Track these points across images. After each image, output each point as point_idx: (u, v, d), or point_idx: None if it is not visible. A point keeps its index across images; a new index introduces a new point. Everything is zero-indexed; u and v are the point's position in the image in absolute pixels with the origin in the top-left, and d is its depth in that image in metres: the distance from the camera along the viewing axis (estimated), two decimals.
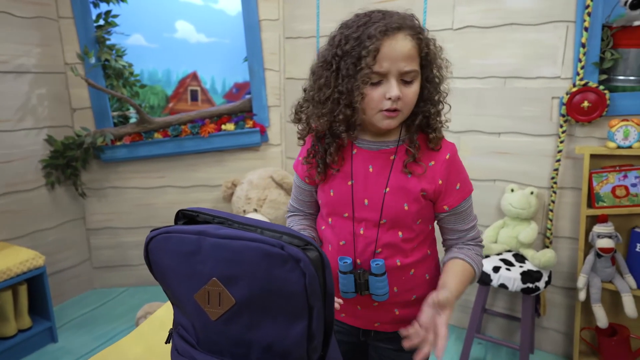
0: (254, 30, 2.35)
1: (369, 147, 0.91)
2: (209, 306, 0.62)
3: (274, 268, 0.59)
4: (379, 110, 0.84)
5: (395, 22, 0.82)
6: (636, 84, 1.65)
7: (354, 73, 0.81)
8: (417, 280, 0.93)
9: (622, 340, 1.71)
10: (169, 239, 0.64)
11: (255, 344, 0.62)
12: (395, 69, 0.81)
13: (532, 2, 1.75)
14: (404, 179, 0.88)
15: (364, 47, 0.80)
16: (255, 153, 2.49)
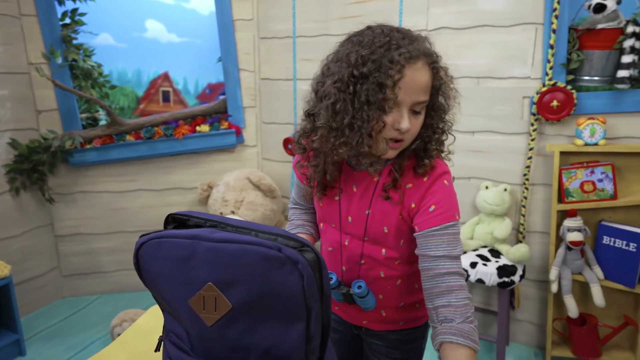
0: (228, 30, 2.32)
1: (355, 168, 0.89)
2: (204, 312, 0.60)
3: (272, 271, 0.58)
4: (384, 138, 0.79)
5: (416, 49, 0.77)
6: (600, 84, 1.73)
7: (374, 100, 0.75)
8: (405, 289, 0.93)
9: (591, 329, 1.79)
10: (161, 244, 0.62)
11: (253, 349, 0.61)
12: (409, 100, 0.77)
13: (503, 4, 1.80)
14: (384, 203, 0.86)
15: (388, 76, 0.74)
16: (230, 154, 2.46)
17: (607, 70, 1.71)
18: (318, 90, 0.81)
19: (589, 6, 1.66)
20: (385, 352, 1.00)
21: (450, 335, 0.74)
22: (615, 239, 1.71)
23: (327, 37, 2.18)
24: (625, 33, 1.60)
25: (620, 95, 1.67)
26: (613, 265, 1.73)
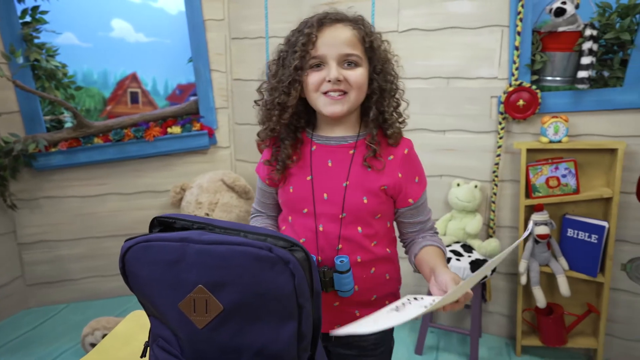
0: (199, 30, 2.29)
1: (327, 143, 0.93)
2: (194, 314, 0.60)
3: (263, 271, 0.58)
4: (322, 93, 0.87)
5: (335, 15, 0.88)
6: (561, 84, 1.81)
7: (293, 61, 0.85)
8: (377, 280, 0.95)
9: (558, 318, 1.87)
10: (148, 248, 0.61)
11: (245, 350, 0.61)
12: (333, 53, 0.85)
13: (471, 7, 1.86)
14: (364, 173, 0.90)
15: (302, 34, 0.86)
16: (203, 156, 2.43)
17: (567, 71, 1.79)
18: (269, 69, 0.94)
19: (550, 10, 1.74)
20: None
21: (429, 241, 0.94)
22: (578, 231, 1.79)
23: None
24: (584, 36, 1.69)
25: (581, 95, 1.76)
26: (577, 256, 1.82)
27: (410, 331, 2.17)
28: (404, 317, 0.69)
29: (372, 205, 0.91)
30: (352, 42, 0.86)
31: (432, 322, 2.04)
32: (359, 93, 0.88)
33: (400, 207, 0.95)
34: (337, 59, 0.85)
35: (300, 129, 0.95)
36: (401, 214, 0.97)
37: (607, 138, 1.75)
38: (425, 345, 2.03)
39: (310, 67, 0.87)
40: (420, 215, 0.97)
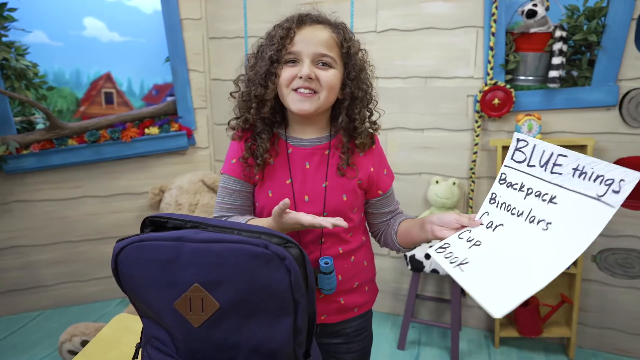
0: (176, 30, 2.26)
1: (303, 145, 0.93)
2: (190, 313, 0.60)
3: (259, 268, 0.59)
4: (292, 90, 0.87)
5: (316, 16, 0.90)
6: (533, 83, 1.88)
7: (270, 54, 0.86)
8: (357, 267, 0.98)
9: (534, 309, 1.94)
10: (142, 248, 0.61)
11: (242, 347, 0.61)
12: (309, 51, 0.85)
13: (447, 8, 1.90)
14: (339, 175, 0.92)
15: (281, 28, 0.87)
16: (182, 157, 2.40)
17: (539, 71, 1.86)
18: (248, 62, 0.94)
19: (522, 12, 1.80)
20: (344, 350, 1.00)
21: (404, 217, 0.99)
22: None
23: None
24: (554, 37, 1.76)
25: (552, 94, 1.82)
26: None
27: (393, 326, 2.20)
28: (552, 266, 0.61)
29: (350, 201, 0.93)
30: (328, 44, 0.86)
31: (413, 317, 2.08)
32: (329, 94, 0.88)
33: (371, 199, 0.98)
34: (311, 58, 0.85)
35: (276, 124, 0.94)
36: (371, 205, 0.99)
37: (577, 135, 1.83)
38: (407, 340, 2.07)
39: (285, 62, 0.87)
40: (390, 205, 1.01)
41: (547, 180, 0.70)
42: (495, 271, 0.65)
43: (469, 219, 0.78)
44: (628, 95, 1.75)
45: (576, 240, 0.63)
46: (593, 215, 0.63)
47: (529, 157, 0.73)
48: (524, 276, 0.62)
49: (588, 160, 0.66)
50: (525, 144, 0.74)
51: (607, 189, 0.62)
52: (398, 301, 2.26)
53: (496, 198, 0.76)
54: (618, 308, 1.95)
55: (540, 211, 0.69)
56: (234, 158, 0.94)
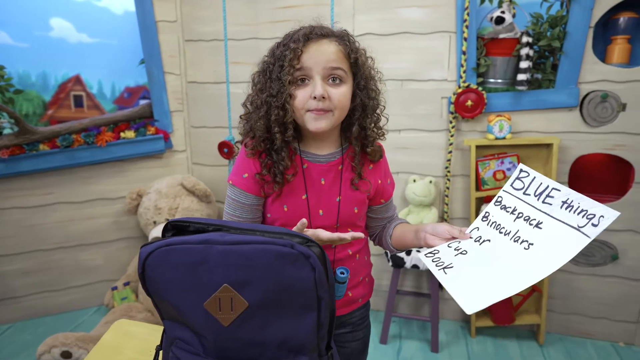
0: (151, 32, 2.23)
1: (318, 161, 0.94)
2: (220, 313, 0.63)
3: (286, 267, 0.62)
4: (307, 111, 0.87)
5: (320, 30, 0.89)
6: (502, 85, 1.99)
7: (282, 75, 0.85)
8: (361, 263, 1.04)
9: (507, 299, 2.05)
10: (170, 252, 0.63)
11: (269, 343, 0.64)
12: (319, 68, 0.85)
13: (421, 14, 1.98)
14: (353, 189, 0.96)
15: (288, 48, 0.86)
16: (159, 161, 2.37)
17: (507, 74, 1.97)
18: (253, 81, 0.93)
19: (491, 18, 1.91)
20: (350, 338, 1.06)
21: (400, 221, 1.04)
22: None
23: (257, 40, 2.20)
24: (521, 42, 1.87)
25: (520, 96, 1.94)
26: None
27: (374, 322, 2.26)
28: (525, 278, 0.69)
29: (361, 213, 0.99)
30: (337, 57, 0.87)
31: (393, 312, 2.15)
32: (341, 112, 0.90)
33: (373, 205, 1.03)
34: (322, 74, 0.86)
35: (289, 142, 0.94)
36: (372, 211, 1.04)
37: (543, 134, 1.95)
38: (389, 334, 2.14)
39: (296, 82, 0.87)
40: (389, 212, 1.07)
41: (537, 208, 0.78)
42: (474, 276, 0.73)
43: (459, 231, 0.83)
44: (587, 97, 1.89)
45: (551, 260, 0.70)
46: (570, 241, 0.70)
47: (526, 186, 0.81)
48: (498, 282, 0.70)
49: (577, 196, 0.74)
50: (526, 174, 0.82)
51: (587, 222, 0.70)
52: (378, 297, 2.33)
53: (488, 217, 0.83)
54: (581, 294, 2.10)
55: (526, 233, 0.76)
56: (246, 172, 0.92)
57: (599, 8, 1.81)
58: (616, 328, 2.10)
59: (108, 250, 2.36)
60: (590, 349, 2.07)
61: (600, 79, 1.87)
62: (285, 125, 0.89)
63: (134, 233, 2.38)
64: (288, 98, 0.86)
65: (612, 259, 2.02)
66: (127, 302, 2.20)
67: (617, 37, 1.88)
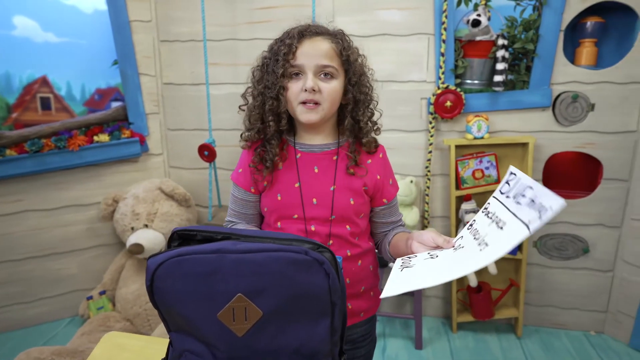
0: (125, 32, 2.16)
1: (312, 150, 0.98)
2: (234, 323, 0.61)
3: (300, 274, 0.62)
4: (299, 103, 0.92)
5: (315, 28, 0.94)
6: (478, 86, 2.05)
7: (276, 68, 0.90)
8: (364, 272, 1.03)
9: (487, 294, 2.11)
10: (180, 262, 0.61)
11: (283, 351, 0.63)
12: (311, 64, 0.90)
13: (400, 16, 2.01)
14: (348, 176, 0.97)
15: (283, 44, 0.91)
16: (134, 165, 2.30)
17: (484, 75, 2.03)
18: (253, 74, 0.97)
19: (468, 21, 1.96)
20: (350, 355, 1.04)
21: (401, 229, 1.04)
22: None
23: (235, 41, 2.17)
24: (497, 45, 1.93)
25: (497, 96, 2.00)
26: None
27: None
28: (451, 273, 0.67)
29: (357, 205, 0.98)
30: (329, 55, 0.92)
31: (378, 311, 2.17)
32: (331, 105, 0.93)
33: (376, 207, 1.03)
34: (314, 70, 0.91)
35: (285, 132, 0.99)
36: (376, 214, 1.04)
37: (519, 133, 2.02)
38: None
39: (290, 76, 0.92)
40: (393, 216, 1.06)
41: (509, 209, 0.74)
42: (415, 271, 0.74)
43: (444, 240, 0.83)
44: (559, 98, 1.97)
45: (485, 255, 0.68)
46: (513, 233, 0.67)
47: (511, 189, 0.76)
48: (424, 275, 0.71)
49: (543, 191, 0.67)
50: (514, 177, 0.77)
51: (537, 215, 0.65)
52: None
53: (473, 225, 0.82)
54: (555, 287, 2.19)
55: (489, 235, 0.74)
56: (241, 167, 1.00)
57: (568, 12, 1.89)
58: (587, 318, 2.20)
59: (82, 258, 2.27)
60: (564, 339, 2.16)
61: (571, 80, 1.95)
62: (279, 116, 0.94)
63: (110, 240, 2.30)
64: (282, 90, 0.91)
65: (584, 252, 2.11)
66: (103, 312, 2.13)
67: (585, 40, 1.97)
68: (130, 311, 2.07)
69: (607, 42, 2.01)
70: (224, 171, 2.28)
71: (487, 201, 0.84)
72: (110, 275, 2.23)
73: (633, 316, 2.07)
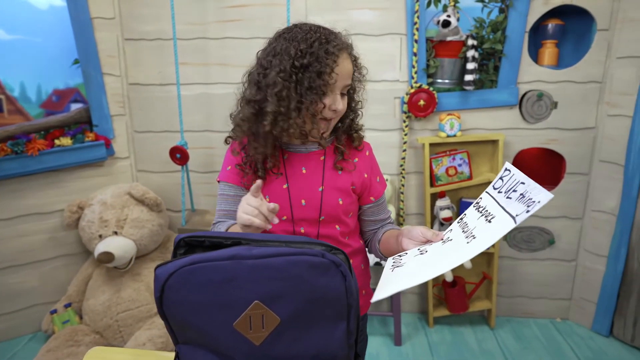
0: (86, 30, 2.05)
1: (299, 151, 0.97)
2: (251, 332, 0.59)
3: (318, 277, 0.60)
4: (320, 119, 0.91)
5: (342, 42, 0.92)
6: (449, 85, 2.10)
7: (315, 86, 0.86)
8: (356, 271, 1.03)
9: (461, 288, 2.17)
10: (195, 271, 0.58)
11: (301, 357, 0.62)
12: (341, 84, 0.90)
13: (373, 16, 2.03)
14: (336, 176, 0.97)
15: (326, 65, 0.86)
16: (99, 169, 2.18)
17: (454, 75, 2.08)
18: (260, 81, 0.90)
19: (438, 21, 2.00)
20: None
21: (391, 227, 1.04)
22: None
23: (205, 40, 2.11)
24: (467, 45, 1.98)
25: (467, 95, 2.06)
26: None
27: None
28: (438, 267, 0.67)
29: (345, 205, 0.98)
30: (351, 74, 0.93)
31: None
32: (339, 118, 0.95)
33: (364, 204, 1.03)
34: (341, 89, 0.91)
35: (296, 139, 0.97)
36: (364, 212, 1.05)
37: (490, 131, 2.09)
38: None
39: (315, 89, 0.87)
40: (382, 214, 1.06)
41: (499, 204, 0.76)
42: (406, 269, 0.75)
43: (433, 234, 0.83)
44: (526, 96, 2.05)
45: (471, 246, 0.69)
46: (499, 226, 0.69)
47: (504, 185, 0.77)
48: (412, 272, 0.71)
49: (534, 186, 0.69)
50: (508, 173, 0.78)
51: (525, 208, 0.67)
52: None
53: (463, 218, 0.83)
54: (524, 278, 2.28)
55: (478, 228, 0.75)
56: (229, 165, 0.97)
57: (532, 14, 1.97)
58: (553, 306, 2.31)
59: (43, 270, 2.13)
60: (533, 327, 2.25)
61: (535, 79, 2.04)
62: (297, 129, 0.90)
63: (74, 249, 2.18)
64: (321, 107, 0.89)
65: (550, 244, 2.21)
66: (70, 326, 2.01)
67: (547, 42, 2.06)
68: (100, 323, 1.97)
69: (566, 43, 2.12)
70: (196, 174, 2.22)
71: (479, 196, 0.85)
72: (75, 287, 2.11)
73: (595, 302, 2.19)
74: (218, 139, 2.19)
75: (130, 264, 2.00)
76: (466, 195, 2.16)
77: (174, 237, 2.41)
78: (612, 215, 2.07)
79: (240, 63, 2.11)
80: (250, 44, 2.05)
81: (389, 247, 0.98)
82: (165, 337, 1.88)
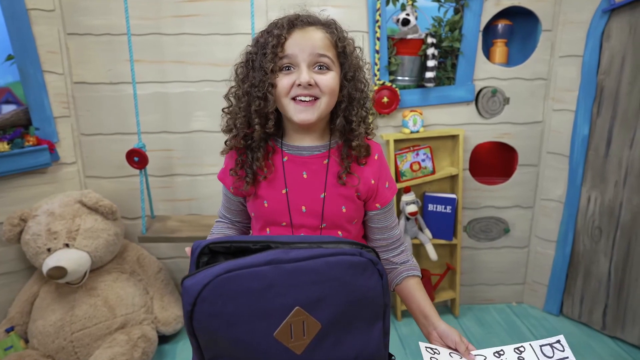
0: (21, 23, 1.85)
1: (300, 154, 0.90)
2: (292, 341, 0.55)
3: (356, 277, 0.58)
4: (291, 100, 0.83)
5: (306, 18, 0.87)
6: (409, 83, 2.14)
7: (264, 63, 0.81)
8: None
9: (427, 280, 2.23)
10: (232, 279, 0.53)
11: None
12: (304, 55, 0.82)
13: (334, 13, 1.97)
14: (340, 184, 0.90)
15: (271, 35, 0.82)
16: (42, 176, 1.98)
17: (414, 72, 2.13)
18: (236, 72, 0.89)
19: (397, 20, 2.04)
20: None
21: (411, 270, 0.95)
22: (436, 205, 2.16)
23: (159, 36, 1.99)
24: (427, 43, 2.03)
25: (428, 92, 2.11)
26: (436, 226, 2.19)
27: None
28: None
29: (349, 213, 0.91)
30: (324, 44, 0.84)
31: None
32: (330, 99, 0.85)
33: (369, 210, 0.95)
34: (308, 62, 0.82)
35: (271, 137, 0.91)
36: (369, 218, 0.96)
37: (450, 126, 2.16)
38: None
39: (280, 70, 0.83)
40: (388, 221, 0.96)
41: None
42: None
43: (466, 348, 0.78)
44: (481, 93, 2.15)
45: None
46: None
47: (553, 356, 0.82)
48: None
49: None
50: (561, 349, 0.83)
51: (553, 351, 0.80)
52: None
53: (501, 356, 0.82)
54: (483, 266, 2.39)
55: None
56: (226, 166, 0.95)
57: (485, 15, 2.06)
58: (509, 290, 2.44)
59: None
60: (493, 312, 2.37)
61: (489, 76, 2.14)
62: (266, 117, 0.85)
63: (15, 266, 1.96)
64: (270, 87, 0.82)
65: (505, 232, 2.34)
66: (14, 352, 1.81)
67: (498, 41, 2.17)
68: (51, 346, 1.79)
69: (515, 43, 2.25)
70: (153, 178, 2.08)
71: (522, 344, 0.85)
72: (19, 308, 1.90)
73: (546, 284, 2.35)
74: (176, 140, 2.07)
75: (85, 279, 1.84)
76: (429, 189, 2.22)
77: (130, 247, 2.23)
78: (560, 203, 2.23)
79: (198, 60, 2.03)
80: (208, 40, 1.96)
81: (409, 306, 0.90)
82: (129, 354, 1.75)
